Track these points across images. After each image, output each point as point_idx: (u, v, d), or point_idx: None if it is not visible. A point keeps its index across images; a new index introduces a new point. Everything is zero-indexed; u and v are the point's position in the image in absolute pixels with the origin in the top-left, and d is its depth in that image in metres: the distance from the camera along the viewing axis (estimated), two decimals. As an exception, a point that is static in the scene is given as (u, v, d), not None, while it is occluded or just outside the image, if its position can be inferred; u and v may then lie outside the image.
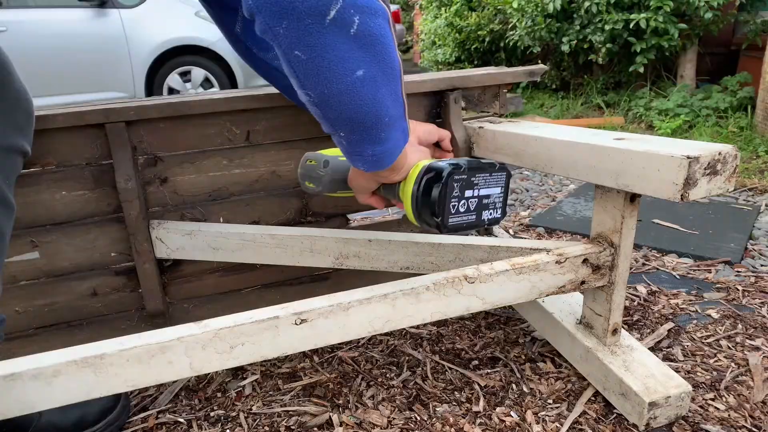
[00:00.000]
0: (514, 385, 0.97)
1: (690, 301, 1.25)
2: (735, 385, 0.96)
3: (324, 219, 1.17)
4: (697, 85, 3.76)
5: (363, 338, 1.13)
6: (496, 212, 0.79)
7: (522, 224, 1.80)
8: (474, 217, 0.76)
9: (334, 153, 0.88)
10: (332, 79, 0.56)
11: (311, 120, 0.99)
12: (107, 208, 1.00)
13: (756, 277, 1.35)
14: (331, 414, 0.92)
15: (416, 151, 0.78)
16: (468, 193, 0.73)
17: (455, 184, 0.71)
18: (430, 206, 0.71)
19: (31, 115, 0.78)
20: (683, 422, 0.86)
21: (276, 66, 0.91)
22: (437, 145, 1.03)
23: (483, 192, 0.75)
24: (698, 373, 0.99)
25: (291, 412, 0.93)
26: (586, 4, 3.63)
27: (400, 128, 0.67)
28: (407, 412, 0.92)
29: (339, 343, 1.03)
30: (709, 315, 1.19)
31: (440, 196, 0.70)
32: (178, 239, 1.01)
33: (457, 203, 0.72)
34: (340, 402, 0.95)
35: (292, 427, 0.90)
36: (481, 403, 0.93)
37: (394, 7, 8.67)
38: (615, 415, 0.89)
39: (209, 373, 1.05)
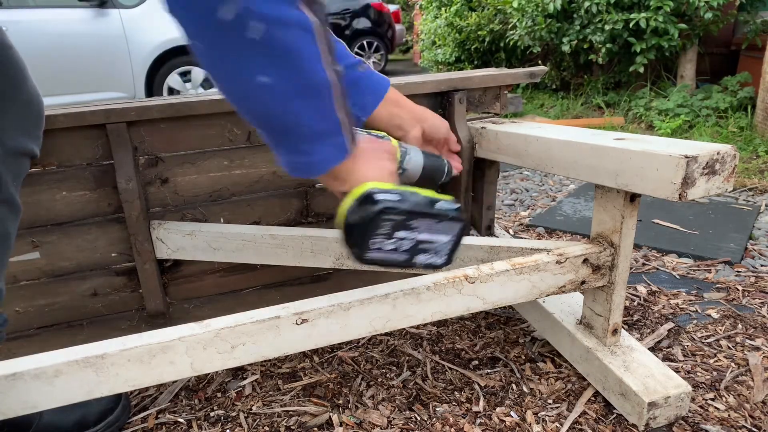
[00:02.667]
0: (514, 385, 0.97)
1: (690, 301, 1.25)
2: (735, 385, 0.96)
3: (325, 219, 1.17)
4: (697, 85, 3.76)
5: (363, 338, 1.13)
6: (438, 258, 0.73)
7: (522, 224, 1.81)
8: (404, 257, 0.70)
9: None
10: (229, 79, 0.56)
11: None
12: (108, 209, 1.00)
13: (756, 277, 1.35)
14: (331, 414, 0.92)
15: (372, 167, 0.71)
16: (401, 234, 0.67)
17: (384, 223, 0.65)
18: (352, 235, 0.66)
19: (41, 118, 0.79)
20: (683, 422, 0.87)
21: None
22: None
23: (423, 236, 0.69)
24: (698, 373, 0.99)
25: (291, 412, 0.93)
26: (586, 4, 3.63)
27: (331, 145, 0.64)
28: (407, 412, 0.92)
29: (339, 343, 1.03)
30: (709, 315, 1.19)
31: (364, 230, 0.65)
32: (178, 239, 1.02)
33: (383, 240, 0.66)
34: (340, 402, 0.95)
35: (292, 427, 0.90)
36: (481, 403, 0.93)
37: (393, 7, 8.68)
38: (615, 415, 0.89)
39: (209, 373, 1.05)
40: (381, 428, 0.88)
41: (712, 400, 0.92)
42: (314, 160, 0.64)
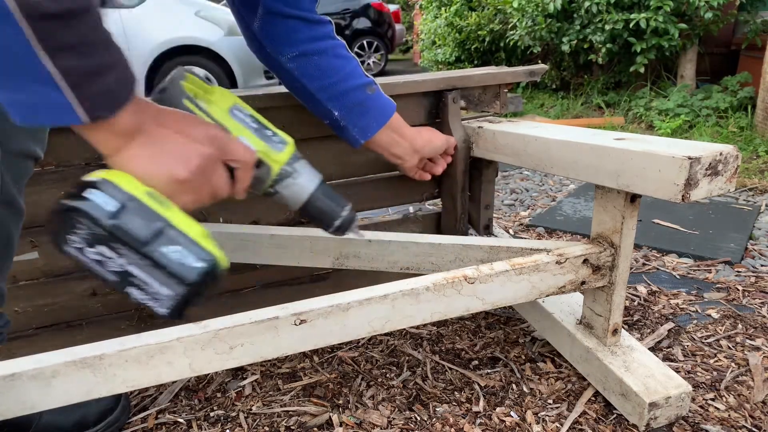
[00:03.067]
0: (514, 385, 0.97)
1: (690, 301, 1.25)
2: (735, 385, 0.96)
3: (324, 219, 1.17)
4: (697, 85, 3.76)
5: (363, 338, 1.13)
6: (159, 306, 0.60)
7: (522, 224, 1.80)
8: (114, 279, 0.59)
9: (197, 90, 0.70)
10: None
11: (312, 121, 1.00)
12: (107, 208, 1.00)
13: (756, 277, 1.35)
14: (331, 414, 0.91)
15: (152, 161, 0.59)
16: (104, 250, 0.57)
17: (80, 227, 0.56)
18: (56, 216, 0.57)
19: None
20: (683, 422, 0.86)
21: (289, 69, 0.91)
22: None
23: (135, 271, 0.58)
24: (698, 373, 0.99)
25: (291, 412, 0.93)
26: (587, 4, 3.63)
27: (36, 93, 0.51)
28: (407, 412, 0.91)
29: (339, 344, 1.03)
30: (709, 315, 1.19)
31: (60, 220, 0.57)
32: (177, 239, 1.01)
33: (82, 244, 0.57)
34: (340, 402, 0.95)
35: (292, 427, 0.89)
36: (481, 403, 0.93)
37: (393, 7, 8.68)
38: (615, 415, 0.88)
39: (209, 374, 1.05)
40: (381, 428, 0.88)
41: (713, 400, 0.92)
42: (19, 99, 0.52)
